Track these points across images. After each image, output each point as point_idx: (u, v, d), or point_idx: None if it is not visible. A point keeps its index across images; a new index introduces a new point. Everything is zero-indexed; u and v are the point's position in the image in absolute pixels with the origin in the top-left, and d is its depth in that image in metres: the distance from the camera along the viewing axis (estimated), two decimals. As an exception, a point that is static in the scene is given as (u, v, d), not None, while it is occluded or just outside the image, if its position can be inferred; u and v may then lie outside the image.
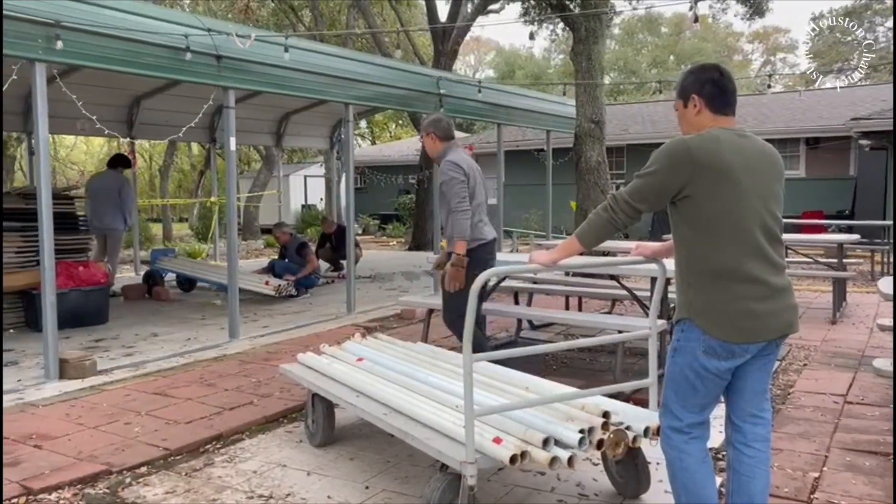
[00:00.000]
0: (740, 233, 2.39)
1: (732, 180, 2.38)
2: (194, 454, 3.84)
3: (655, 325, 3.15)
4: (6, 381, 5.15)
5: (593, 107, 9.75)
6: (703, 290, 2.44)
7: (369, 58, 9.69)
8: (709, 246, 2.42)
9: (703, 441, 2.55)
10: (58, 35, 5.13)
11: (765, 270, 2.41)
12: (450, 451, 2.74)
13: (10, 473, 3.47)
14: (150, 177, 29.75)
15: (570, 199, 11.80)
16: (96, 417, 4.35)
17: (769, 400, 2.64)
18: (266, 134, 13.11)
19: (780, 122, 17.99)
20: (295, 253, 9.79)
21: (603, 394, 3.14)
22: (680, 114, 2.62)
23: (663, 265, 3.07)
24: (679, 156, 2.41)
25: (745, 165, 2.41)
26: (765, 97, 18.61)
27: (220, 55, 6.28)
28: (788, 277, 2.51)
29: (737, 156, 2.41)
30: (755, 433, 2.55)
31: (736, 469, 2.55)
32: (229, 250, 6.78)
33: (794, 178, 16.91)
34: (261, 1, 21.54)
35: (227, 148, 6.57)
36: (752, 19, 14.57)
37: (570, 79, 15.98)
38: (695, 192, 2.40)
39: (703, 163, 2.38)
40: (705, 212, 2.40)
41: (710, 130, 2.47)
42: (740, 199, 2.39)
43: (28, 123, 9.50)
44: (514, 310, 6.07)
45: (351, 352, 4.20)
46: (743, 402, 2.56)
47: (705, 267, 2.43)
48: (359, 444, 3.91)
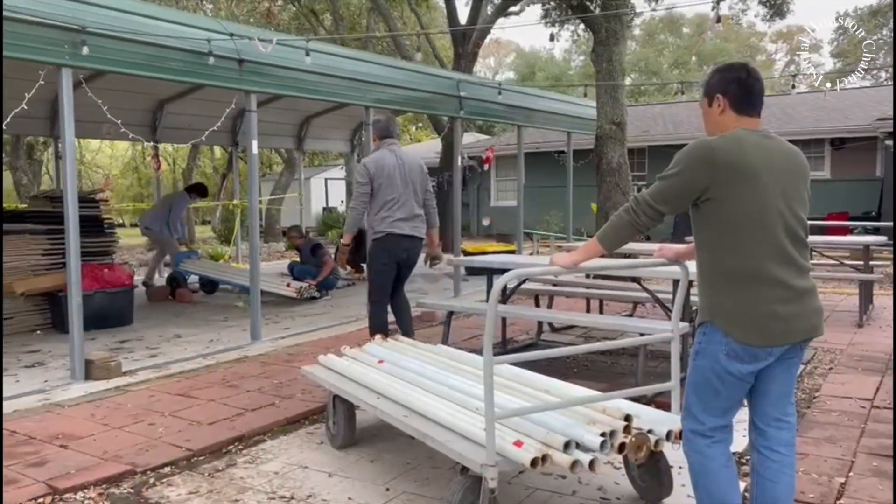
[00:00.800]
0: (763, 235, 2.37)
1: (755, 182, 2.36)
2: (217, 455, 3.87)
3: (678, 328, 3.12)
4: (33, 382, 5.24)
5: (614, 108, 9.69)
6: (725, 292, 2.41)
7: (390, 61, 9.73)
8: (731, 248, 2.39)
9: (727, 445, 2.53)
10: (84, 41, 5.20)
11: (789, 273, 2.38)
12: (470, 454, 2.74)
13: (36, 473, 3.52)
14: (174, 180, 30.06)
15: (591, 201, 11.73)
16: (121, 418, 4.41)
17: (794, 404, 2.61)
18: (287, 137, 13.20)
19: (805, 122, 17.77)
20: (310, 254, 9.84)
21: (625, 397, 3.12)
22: (704, 112, 2.60)
23: (686, 267, 3.04)
24: (701, 157, 2.40)
25: (769, 167, 2.39)
26: (788, 97, 18.38)
27: (243, 59, 6.34)
28: (813, 280, 2.48)
29: (760, 157, 2.38)
30: (780, 437, 2.52)
31: (760, 473, 2.53)
32: (252, 253, 6.83)
33: (819, 179, 16.69)
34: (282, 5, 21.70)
35: (249, 151, 6.62)
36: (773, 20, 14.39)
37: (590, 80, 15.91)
38: (717, 194, 2.38)
39: (726, 164, 2.36)
40: (728, 214, 2.38)
41: (733, 131, 2.45)
42: (763, 200, 2.36)
43: (55, 128, 9.64)
44: (535, 312, 6.05)
45: (372, 354, 4.21)
46: (767, 405, 2.53)
47: (728, 269, 2.41)
48: (380, 446, 3.92)
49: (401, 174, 5.24)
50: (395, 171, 5.22)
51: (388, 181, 5.18)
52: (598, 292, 6.25)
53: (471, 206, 22.17)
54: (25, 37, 4.96)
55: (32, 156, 21.07)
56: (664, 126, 19.77)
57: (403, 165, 5.27)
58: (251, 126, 6.54)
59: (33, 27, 4.98)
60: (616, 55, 9.74)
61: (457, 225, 9.79)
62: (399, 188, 5.21)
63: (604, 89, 9.74)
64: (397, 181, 5.20)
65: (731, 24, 34.86)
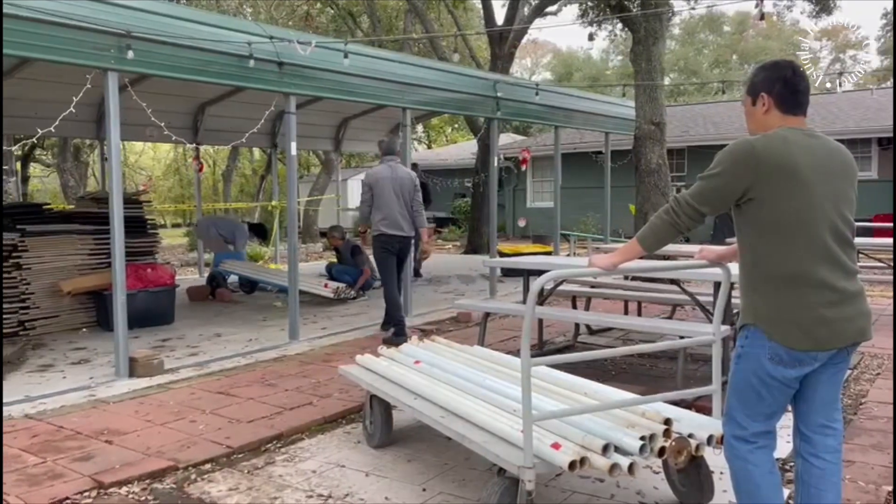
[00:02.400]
0: (809, 236, 2.32)
1: (800, 182, 2.31)
2: (256, 452, 3.92)
3: (719, 331, 3.07)
4: (79, 379, 5.38)
5: (653, 108, 9.58)
6: (769, 295, 2.37)
7: (426, 62, 9.76)
8: (775, 250, 2.35)
9: (770, 451, 2.48)
10: (129, 45, 5.33)
11: (835, 275, 2.32)
12: (508, 456, 2.73)
13: (82, 468, 3.62)
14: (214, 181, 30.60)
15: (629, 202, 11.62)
16: (164, 414, 4.50)
17: (840, 410, 2.55)
18: (325, 139, 13.33)
19: (851, 121, 17.32)
20: (349, 256, 9.91)
21: (664, 400, 3.08)
22: (748, 111, 2.55)
23: (728, 269, 3.00)
24: (744, 157, 2.36)
25: (815, 166, 2.34)
26: (833, 96, 17.94)
27: (282, 62, 6.42)
28: (861, 283, 2.42)
29: (806, 156, 2.33)
30: (825, 444, 2.47)
31: (805, 481, 2.47)
32: (290, 253, 6.92)
33: (866, 179, 16.24)
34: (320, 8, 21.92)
35: (287, 153, 6.70)
36: (819, 16, 14.08)
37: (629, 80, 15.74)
38: (760, 195, 2.34)
39: (770, 164, 2.31)
40: (771, 214, 2.34)
41: (777, 130, 2.40)
42: (809, 201, 2.32)
43: (101, 131, 9.89)
44: (572, 314, 6.01)
45: (408, 354, 4.22)
46: (812, 411, 2.48)
47: (772, 271, 2.36)
48: (416, 447, 3.93)
49: (392, 186, 6.59)
50: (388, 181, 6.59)
51: (381, 191, 6.56)
52: (636, 294, 6.18)
53: (507, 207, 22.10)
54: (73, 42, 5.09)
55: (79, 158, 21.61)
56: (704, 126, 19.46)
57: (396, 179, 6.63)
58: (290, 128, 6.62)
59: (81, 32, 5.11)
60: (655, 54, 9.63)
61: (493, 226, 9.77)
62: (390, 197, 6.57)
63: (643, 89, 9.64)
64: (389, 191, 6.57)
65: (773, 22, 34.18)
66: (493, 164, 9.49)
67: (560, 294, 6.57)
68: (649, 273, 5.67)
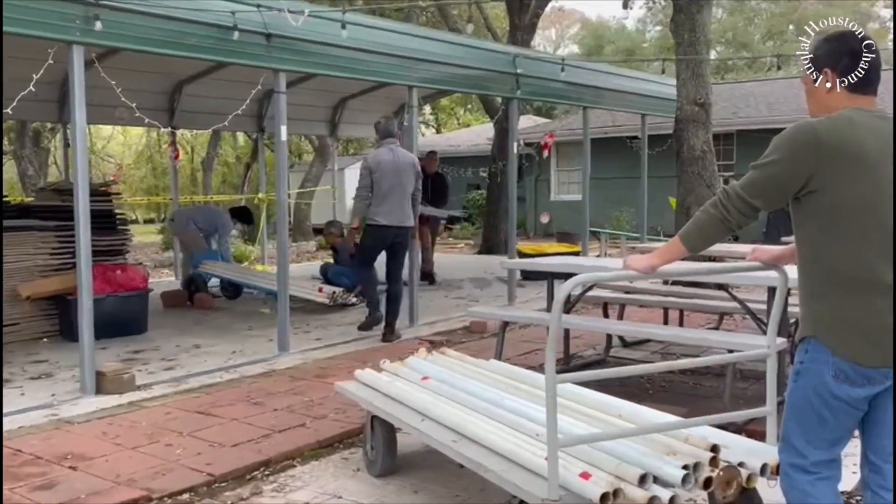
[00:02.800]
0: (879, 233, 2.31)
1: (870, 171, 2.30)
2: (240, 481, 3.94)
3: (774, 344, 3.06)
4: (39, 396, 5.42)
5: (697, 86, 9.54)
6: (832, 301, 2.36)
7: (436, 34, 9.78)
8: (841, 248, 2.34)
9: (834, 483, 2.48)
10: (97, 15, 5.35)
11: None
12: (529, 487, 2.74)
13: (44, 497, 3.64)
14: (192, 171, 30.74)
15: (669, 194, 11.59)
16: (135, 437, 4.52)
17: (916, 436, 2.53)
18: (320, 122, 13.38)
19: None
20: (349, 256, 9.92)
21: (710, 424, 3.08)
22: (808, 90, 2.53)
23: (785, 273, 2.98)
24: (805, 143, 2.35)
25: (886, 153, 2.33)
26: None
27: (271, 34, 6.44)
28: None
29: (875, 142, 2.33)
30: (898, 475, 2.45)
31: (874, 517, 2.46)
32: (279, 253, 6.94)
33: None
34: (314, -28, 22.01)
35: (277, 138, 6.73)
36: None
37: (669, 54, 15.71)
38: (823, 185, 2.33)
39: (834, 151, 2.30)
40: (836, 208, 2.33)
41: (842, 112, 2.38)
42: (879, 192, 2.31)
43: (64, 113, 9.95)
44: (603, 324, 6.00)
45: (415, 369, 4.23)
46: (883, 437, 2.46)
47: (836, 274, 2.35)
48: (423, 475, 3.93)
49: (395, 171, 6.82)
50: (389, 166, 6.81)
51: (383, 177, 6.76)
52: (678, 301, 6.16)
53: (528, 200, 22.10)
54: (33, 11, 5.12)
55: (39, 144, 21.75)
56: (756, 107, 19.40)
57: (398, 163, 6.86)
58: (280, 109, 6.64)
59: (43, 1, 5.14)
60: (700, 24, 9.59)
61: (512, 222, 9.77)
62: (392, 184, 6.77)
63: (685, 64, 9.61)
64: (391, 177, 6.78)
65: (836, -14, 33.98)
66: (512, 150, 9.48)
67: (589, 301, 6.56)
68: (693, 277, 5.65)
